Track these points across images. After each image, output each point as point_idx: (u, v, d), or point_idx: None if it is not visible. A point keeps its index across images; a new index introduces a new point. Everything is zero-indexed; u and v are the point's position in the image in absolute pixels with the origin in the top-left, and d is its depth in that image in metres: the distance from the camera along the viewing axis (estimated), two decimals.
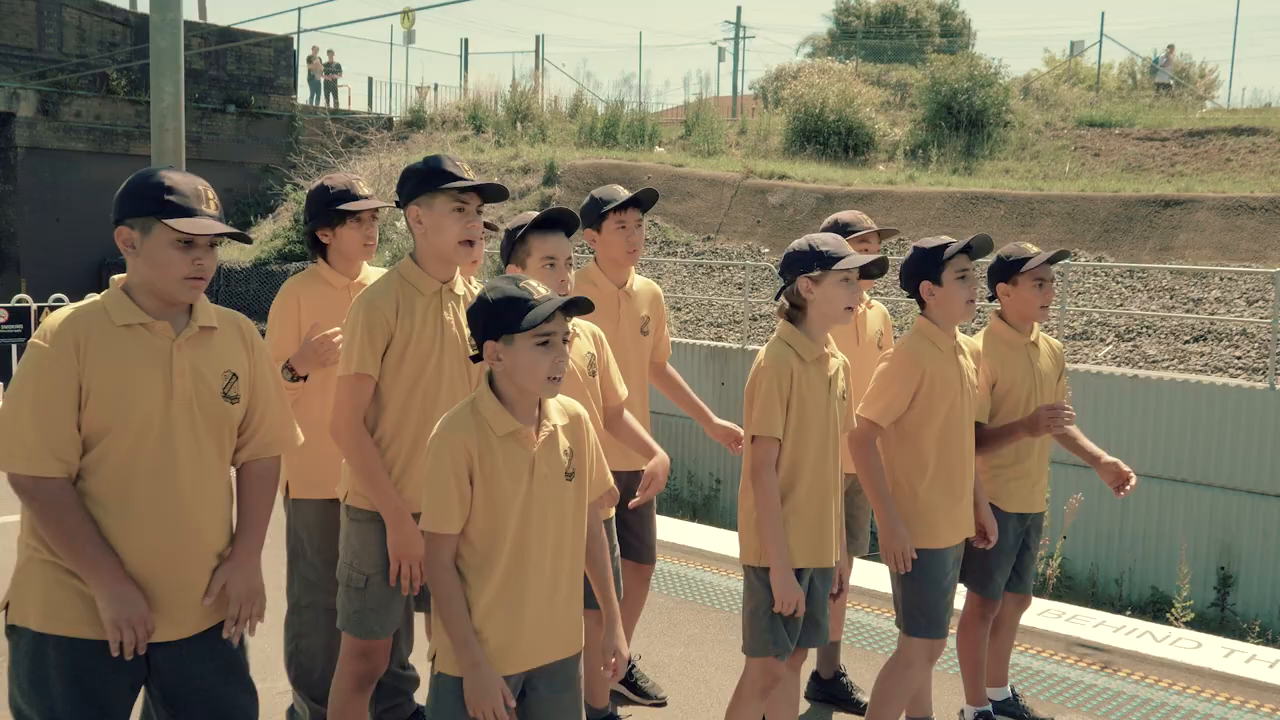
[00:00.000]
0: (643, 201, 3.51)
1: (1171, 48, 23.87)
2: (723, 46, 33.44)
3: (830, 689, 3.97)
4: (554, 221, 2.92)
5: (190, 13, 27.19)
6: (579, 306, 2.26)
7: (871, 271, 2.91)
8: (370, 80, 26.90)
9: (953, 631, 3.63)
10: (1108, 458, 3.56)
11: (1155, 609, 9.01)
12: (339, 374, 2.79)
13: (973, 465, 3.33)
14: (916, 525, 3.20)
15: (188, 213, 2.22)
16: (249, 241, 2.40)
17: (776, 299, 3.00)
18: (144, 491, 2.23)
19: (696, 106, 23.00)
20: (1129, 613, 8.11)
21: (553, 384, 2.25)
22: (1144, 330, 12.23)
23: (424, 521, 2.26)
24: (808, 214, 17.64)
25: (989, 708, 3.71)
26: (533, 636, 2.29)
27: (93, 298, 2.33)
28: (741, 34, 32.66)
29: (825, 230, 3.64)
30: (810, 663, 3.94)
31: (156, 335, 2.25)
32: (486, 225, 3.68)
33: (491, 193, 2.75)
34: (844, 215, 3.74)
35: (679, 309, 14.51)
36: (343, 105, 24.92)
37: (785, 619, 2.91)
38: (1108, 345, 11.97)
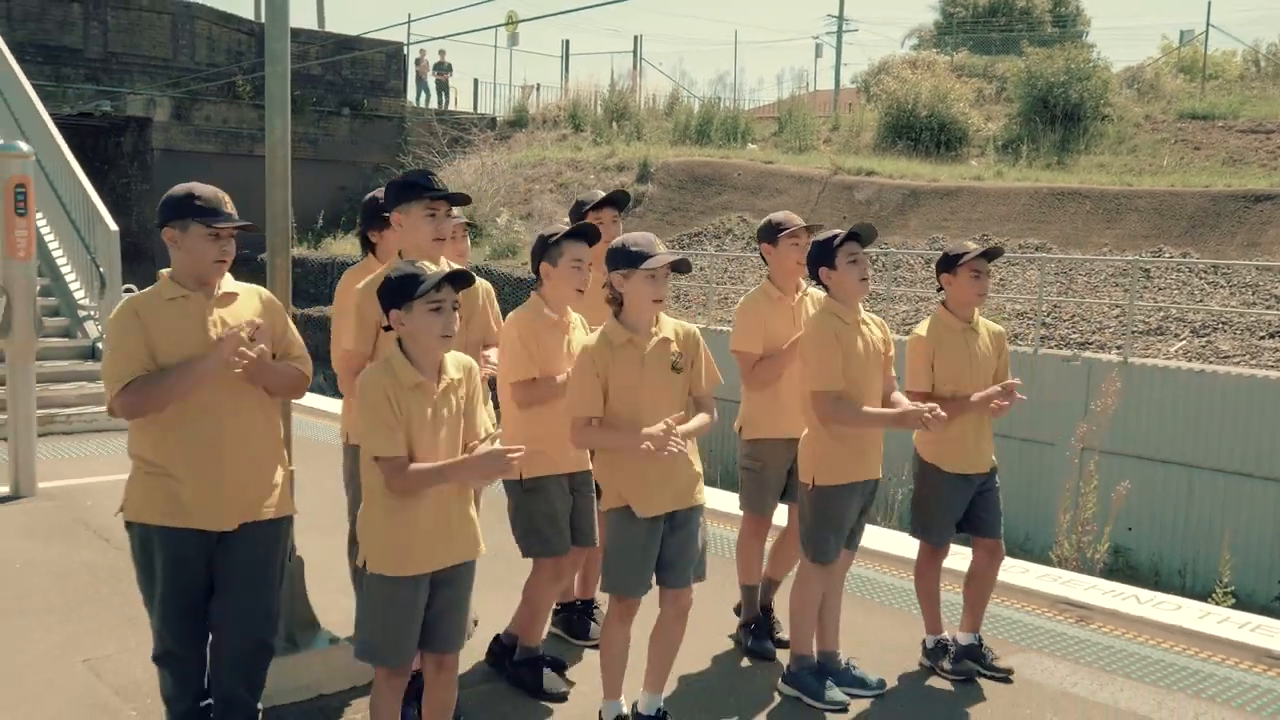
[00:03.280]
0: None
1: None
2: (820, 42, 33.52)
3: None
4: (583, 234, 3.69)
5: (310, 21, 28.80)
6: (460, 281, 2.83)
7: (680, 267, 3.30)
8: (476, 81, 28.11)
9: (904, 575, 4.24)
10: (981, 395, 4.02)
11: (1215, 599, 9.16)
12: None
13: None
14: (830, 463, 3.79)
15: (214, 214, 3.00)
16: (257, 230, 3.16)
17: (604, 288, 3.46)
18: (197, 413, 2.98)
19: (790, 103, 23.35)
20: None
21: (445, 341, 2.82)
22: (1220, 326, 12.23)
23: (370, 448, 2.78)
24: (893, 209, 17.86)
25: (945, 635, 4.23)
26: (430, 541, 2.88)
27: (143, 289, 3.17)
28: (843, 27, 32.72)
29: (761, 228, 4.23)
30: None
31: (193, 303, 3.04)
32: (469, 224, 4.23)
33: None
34: (776, 215, 4.29)
35: None
36: (451, 105, 26.14)
37: None
38: (1181, 340, 12.04)
